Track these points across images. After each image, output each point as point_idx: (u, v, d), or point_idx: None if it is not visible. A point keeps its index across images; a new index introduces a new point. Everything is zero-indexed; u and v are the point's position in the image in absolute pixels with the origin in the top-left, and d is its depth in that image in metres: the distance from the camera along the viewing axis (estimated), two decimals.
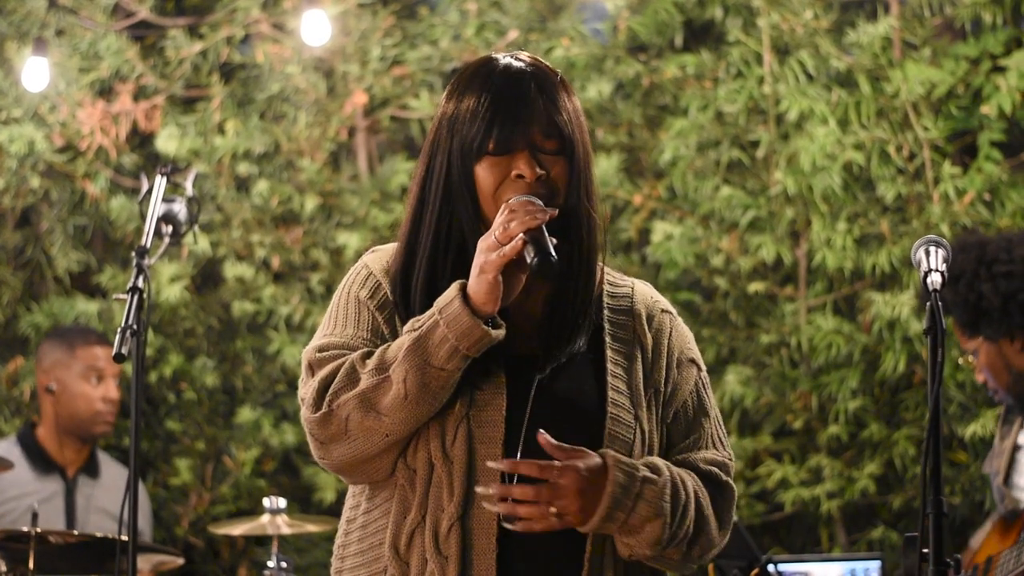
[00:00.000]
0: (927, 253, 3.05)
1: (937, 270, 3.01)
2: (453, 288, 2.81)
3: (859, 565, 5.28)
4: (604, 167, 6.27)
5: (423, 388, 2.80)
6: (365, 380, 2.83)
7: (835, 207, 6.07)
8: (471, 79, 2.94)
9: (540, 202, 2.83)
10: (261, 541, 6.43)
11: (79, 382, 5.84)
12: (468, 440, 2.84)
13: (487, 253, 2.78)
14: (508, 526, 2.79)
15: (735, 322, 6.21)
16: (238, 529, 5.16)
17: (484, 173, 2.88)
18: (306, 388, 2.89)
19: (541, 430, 2.78)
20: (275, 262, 6.53)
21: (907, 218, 6.07)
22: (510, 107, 2.89)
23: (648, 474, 2.82)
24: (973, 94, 6.08)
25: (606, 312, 2.97)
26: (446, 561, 2.81)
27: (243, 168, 6.55)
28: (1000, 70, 6.01)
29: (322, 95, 6.56)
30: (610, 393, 2.89)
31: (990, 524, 4.84)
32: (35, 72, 6.17)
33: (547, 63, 3.00)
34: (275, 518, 4.97)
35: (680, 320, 3.05)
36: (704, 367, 3.05)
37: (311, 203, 6.49)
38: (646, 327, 2.98)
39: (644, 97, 6.41)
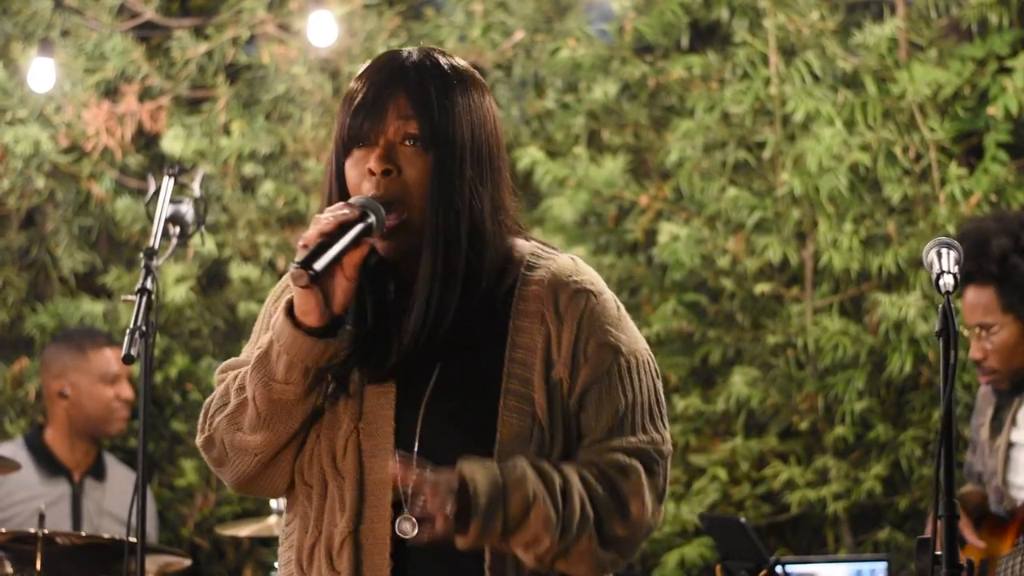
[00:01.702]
0: (939, 255, 3.04)
1: (949, 272, 3.00)
2: (284, 301, 2.75)
3: (865, 566, 5.28)
4: (610, 168, 6.26)
5: (272, 404, 2.75)
6: (232, 400, 2.80)
7: (841, 208, 6.07)
8: (362, 70, 2.86)
9: (367, 204, 2.70)
10: (266, 542, 6.43)
11: (94, 385, 5.86)
12: (357, 453, 2.77)
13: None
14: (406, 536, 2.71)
15: (741, 323, 6.21)
16: (245, 530, 5.16)
17: (350, 168, 2.79)
18: None
19: (392, 461, 2.68)
20: (281, 263, 6.52)
21: (913, 219, 6.07)
22: (375, 99, 2.77)
23: (504, 467, 2.69)
24: (979, 95, 6.07)
25: (516, 298, 2.81)
26: None
27: (249, 169, 6.55)
28: (1006, 71, 6.01)
29: (328, 96, 6.56)
30: (503, 397, 2.75)
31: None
32: (40, 73, 6.17)
33: (453, 61, 2.85)
34: (282, 519, 4.96)
35: (604, 298, 2.83)
36: (630, 350, 2.81)
37: (317, 204, 6.46)
38: (554, 307, 2.80)
39: (650, 98, 6.41)
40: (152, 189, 4.50)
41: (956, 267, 3.02)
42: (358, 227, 2.69)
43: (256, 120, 6.56)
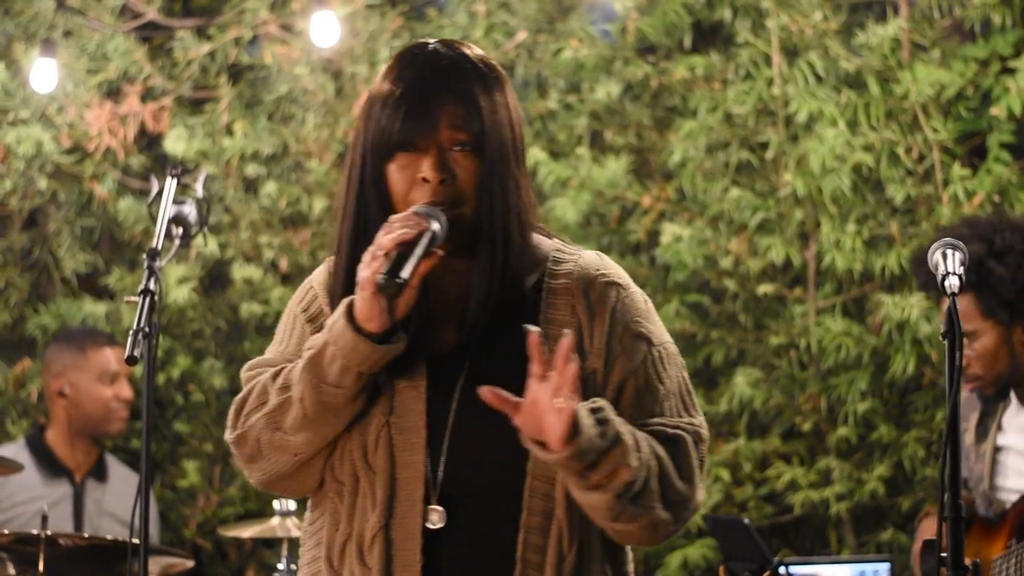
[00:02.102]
0: (944, 256, 3.03)
1: (955, 273, 2.99)
2: (342, 305, 2.74)
3: (868, 567, 5.28)
4: (613, 169, 6.26)
5: (321, 407, 2.75)
6: (271, 400, 2.80)
7: (844, 209, 6.06)
8: (394, 65, 2.83)
9: (431, 212, 2.71)
10: (269, 543, 6.42)
11: (93, 384, 5.86)
12: (389, 448, 2.78)
13: (362, 268, 2.70)
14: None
15: (744, 324, 6.21)
16: (247, 532, 5.16)
17: (395, 174, 2.77)
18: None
19: (482, 389, 2.66)
20: (283, 264, 6.52)
21: (916, 220, 6.06)
22: (423, 104, 2.76)
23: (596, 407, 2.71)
24: (982, 96, 6.07)
25: (545, 292, 2.82)
26: (369, 572, 2.76)
27: (251, 169, 6.55)
28: (1010, 71, 6.00)
29: (330, 96, 6.56)
30: None
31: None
32: (43, 73, 6.17)
33: (478, 53, 2.84)
34: (285, 520, 4.96)
35: (632, 291, 2.85)
36: (660, 341, 2.84)
37: (319, 204, 6.48)
38: (584, 301, 2.81)
39: (653, 98, 6.41)
40: (155, 190, 4.50)
41: (961, 268, 3.01)
42: (428, 237, 2.70)
43: (259, 121, 6.56)
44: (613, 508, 2.70)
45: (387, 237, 2.68)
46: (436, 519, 2.75)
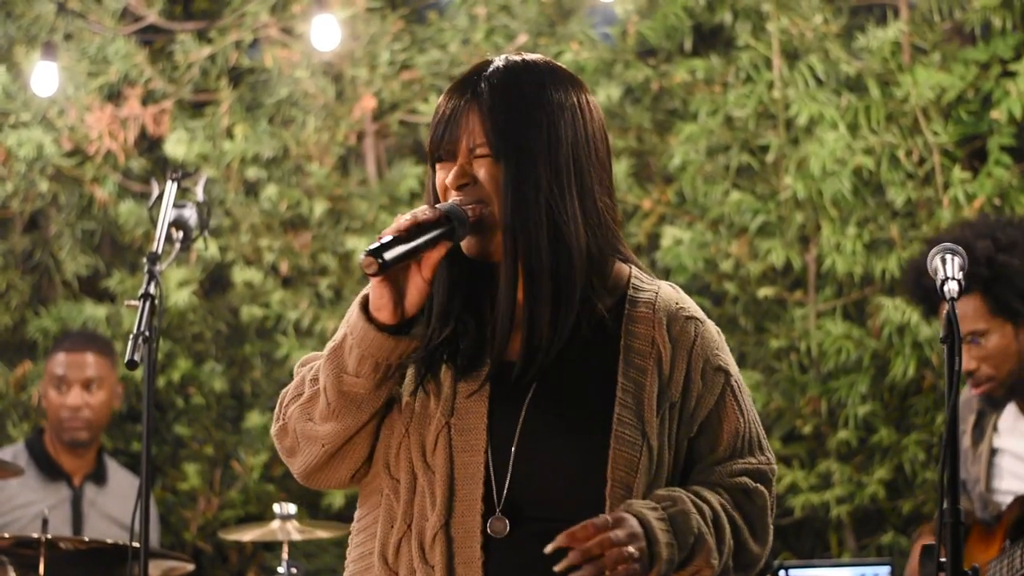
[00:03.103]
0: (943, 261, 3.03)
1: (954, 278, 2.99)
2: (360, 295, 2.81)
3: (868, 570, 5.28)
4: (613, 172, 6.25)
5: (342, 396, 2.79)
6: (306, 391, 2.85)
7: (845, 212, 6.07)
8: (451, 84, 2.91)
9: (451, 209, 2.75)
10: (269, 546, 6.43)
11: (49, 390, 5.91)
12: (448, 448, 2.80)
13: None
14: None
15: (744, 327, 6.21)
16: (248, 535, 5.16)
17: (438, 178, 2.84)
18: None
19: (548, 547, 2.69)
20: (284, 267, 6.53)
21: (917, 223, 6.07)
22: (453, 109, 2.82)
23: (669, 503, 2.75)
24: (983, 99, 6.07)
25: (625, 319, 2.85)
26: (432, 570, 2.77)
27: (252, 172, 6.55)
28: (1010, 75, 6.01)
29: (331, 99, 6.56)
30: (617, 408, 2.79)
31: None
32: (44, 76, 6.18)
33: (543, 66, 2.86)
34: (285, 524, 4.97)
35: (709, 325, 2.92)
36: (735, 371, 2.91)
37: (320, 207, 6.48)
38: (666, 335, 2.85)
39: (653, 102, 6.41)
40: (155, 193, 4.50)
41: (960, 273, 3.02)
42: (437, 230, 2.73)
43: (259, 124, 6.56)
44: None
45: (393, 224, 2.74)
46: (499, 528, 2.76)
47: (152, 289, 4.00)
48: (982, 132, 6.08)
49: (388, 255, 2.69)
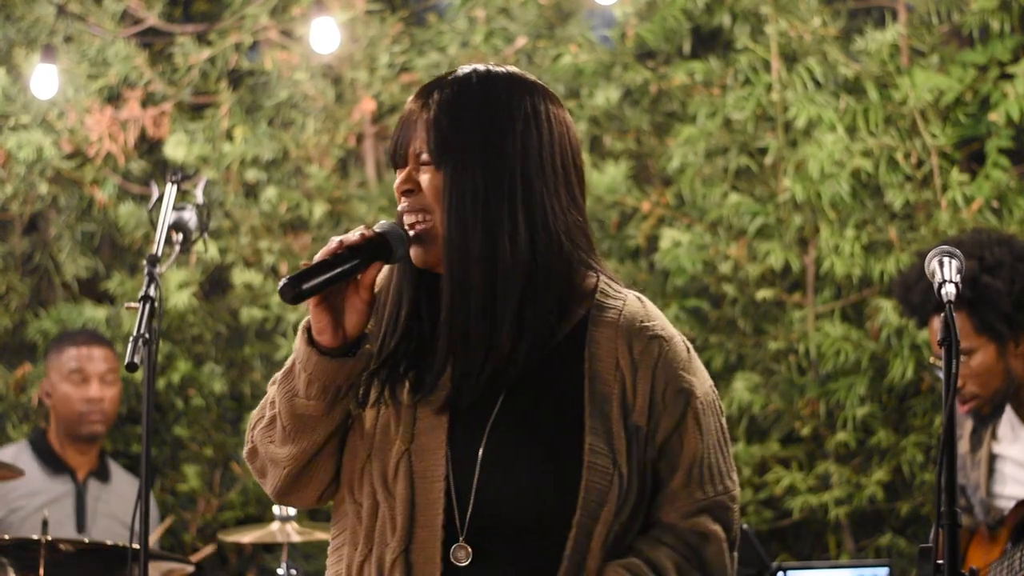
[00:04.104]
0: (941, 264, 3.03)
1: (952, 281, 3.00)
2: (304, 320, 2.79)
3: (867, 572, 5.28)
4: (612, 174, 6.27)
5: (295, 419, 2.78)
6: (267, 413, 2.85)
7: (843, 214, 6.07)
8: None
9: (387, 228, 2.73)
10: (269, 548, 6.43)
11: (63, 385, 5.91)
12: (409, 474, 2.76)
13: None
14: None
15: (743, 329, 6.21)
16: (248, 536, 5.16)
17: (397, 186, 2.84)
18: None
19: None
20: (283, 268, 6.53)
21: (915, 225, 6.07)
22: (401, 125, 2.82)
23: None
24: (981, 101, 6.08)
25: (588, 340, 2.79)
26: None
27: (251, 175, 6.56)
28: (1008, 77, 6.02)
29: (330, 102, 6.57)
30: (588, 437, 2.73)
31: (968, 535, 4.82)
32: (44, 79, 6.18)
33: (500, 74, 2.83)
34: (285, 525, 4.97)
35: (675, 343, 2.82)
36: (701, 393, 2.82)
37: (319, 210, 6.49)
38: (628, 356, 2.78)
39: (652, 104, 6.42)
40: (155, 196, 4.51)
41: (958, 276, 3.02)
42: (363, 255, 2.72)
43: (259, 126, 6.57)
44: None
45: (324, 248, 2.74)
46: (462, 556, 2.73)
47: (152, 291, 4.01)
48: (980, 134, 6.09)
49: (306, 285, 2.69)
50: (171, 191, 4.38)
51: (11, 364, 6.66)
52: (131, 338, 3.85)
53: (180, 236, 4.51)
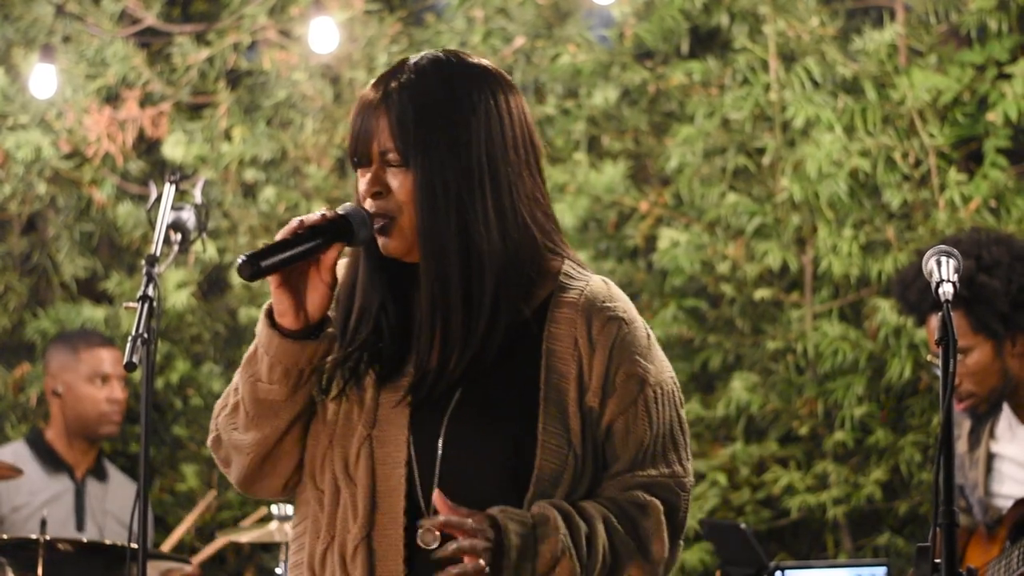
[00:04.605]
0: (938, 263, 3.04)
1: (949, 280, 3.00)
2: (266, 304, 2.79)
3: (865, 571, 5.28)
4: (610, 174, 6.27)
5: (258, 404, 2.77)
6: (230, 400, 2.84)
7: (841, 214, 6.08)
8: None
9: (352, 212, 2.72)
10: (267, 547, 6.43)
11: (84, 385, 5.88)
12: (370, 461, 2.77)
13: None
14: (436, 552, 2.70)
15: (741, 328, 6.22)
16: (246, 536, 5.17)
17: (359, 185, 2.81)
18: None
19: (437, 490, 2.69)
20: None
21: (913, 225, 6.08)
22: (362, 124, 2.79)
23: (537, 517, 2.71)
24: (979, 101, 6.08)
25: (548, 320, 2.79)
26: None
27: (250, 174, 6.56)
28: (1006, 77, 6.02)
29: (329, 102, 6.57)
30: (542, 418, 2.75)
31: (967, 534, 4.82)
32: (42, 79, 6.19)
33: (457, 63, 2.82)
34: (283, 525, 4.98)
35: (636, 327, 2.82)
36: (656, 381, 2.81)
37: (318, 209, 6.47)
38: (587, 336, 2.78)
39: (650, 104, 6.42)
40: (153, 195, 4.51)
41: (956, 275, 3.02)
42: (324, 235, 2.70)
43: (257, 126, 6.57)
44: None
45: (284, 228, 2.73)
46: (429, 539, 2.72)
47: (150, 291, 4.00)
48: (978, 134, 6.09)
49: (264, 262, 2.68)
50: (169, 191, 4.38)
51: (9, 364, 6.66)
52: (130, 338, 3.85)
53: (178, 236, 4.51)
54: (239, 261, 2.68)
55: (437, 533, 2.72)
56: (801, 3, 6.18)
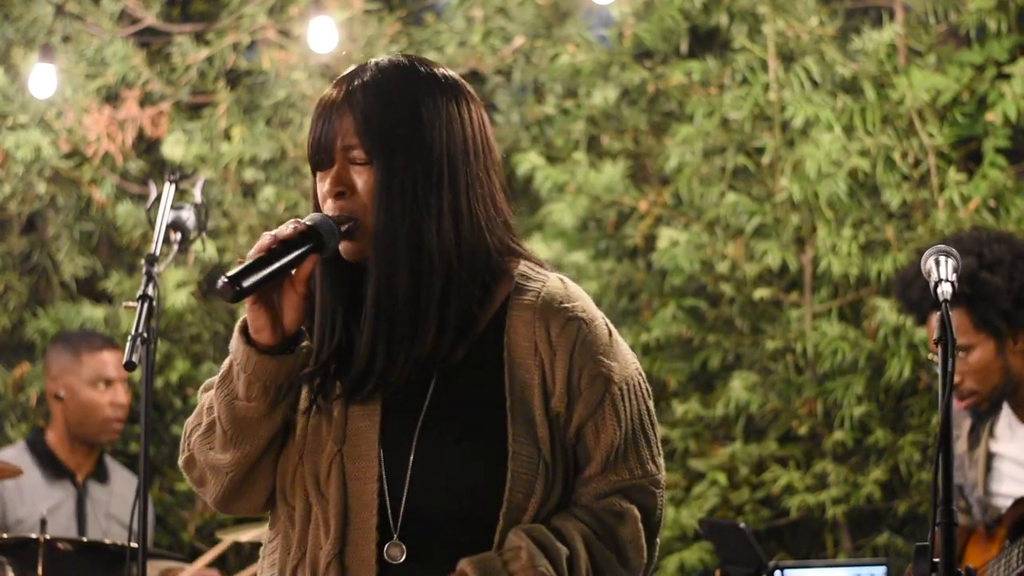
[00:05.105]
0: (937, 263, 3.04)
1: (948, 280, 3.00)
2: (240, 319, 2.75)
3: (864, 571, 5.28)
4: (609, 173, 6.27)
5: (236, 423, 2.74)
6: (204, 420, 2.80)
7: (840, 213, 6.08)
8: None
9: (318, 221, 2.68)
10: None
11: (87, 389, 5.84)
12: (341, 477, 2.74)
13: None
14: None
15: (740, 328, 6.22)
16: (246, 535, 5.17)
17: (319, 188, 2.78)
18: None
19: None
20: None
21: (912, 224, 6.08)
22: (324, 123, 2.76)
23: (507, 555, 2.68)
24: (978, 101, 6.08)
25: (507, 327, 2.77)
26: None
27: (249, 174, 6.56)
28: (1005, 77, 6.02)
29: None
30: (511, 428, 2.72)
31: (966, 534, 4.82)
32: (42, 78, 6.18)
33: (417, 68, 2.81)
34: None
35: (596, 325, 2.79)
36: (621, 378, 2.78)
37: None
38: (547, 339, 2.76)
39: (649, 103, 6.42)
40: (153, 195, 4.51)
41: (954, 275, 3.02)
42: (300, 248, 2.67)
43: (257, 125, 6.58)
44: None
45: (256, 244, 2.69)
46: (396, 554, 2.71)
47: (150, 290, 4.01)
48: (977, 134, 6.10)
49: (246, 282, 2.64)
50: (169, 190, 4.38)
51: (9, 363, 6.66)
52: (129, 337, 3.85)
53: (178, 235, 4.52)
54: (220, 284, 2.64)
55: (403, 547, 2.71)
56: (800, 3, 6.19)
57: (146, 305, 3.94)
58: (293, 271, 2.69)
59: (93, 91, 6.56)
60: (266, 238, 2.68)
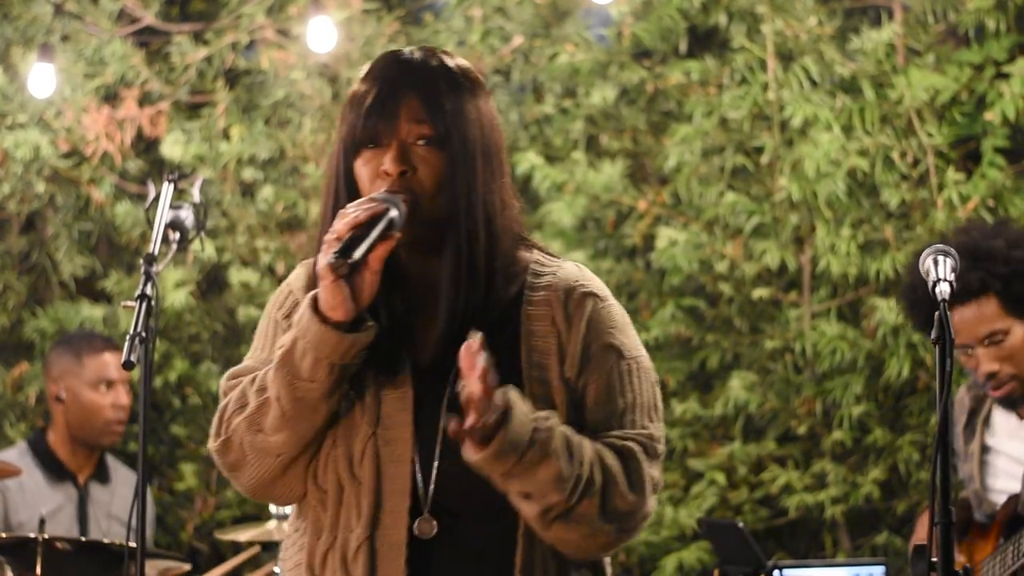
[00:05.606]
0: (935, 263, 3.04)
1: (946, 279, 3.01)
2: (308, 298, 2.76)
3: (863, 570, 5.28)
4: (608, 173, 6.28)
5: (297, 403, 2.76)
6: (251, 402, 2.81)
7: (839, 213, 6.08)
8: (369, 68, 2.88)
9: (388, 198, 2.73)
10: (266, 547, 6.43)
11: (88, 391, 5.83)
12: (375, 459, 2.77)
13: (320, 258, 2.73)
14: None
15: (739, 328, 6.22)
16: (244, 535, 5.17)
17: (361, 167, 2.81)
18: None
19: (451, 421, 2.66)
20: (280, 267, 6.53)
21: (911, 224, 6.08)
22: (387, 100, 2.80)
23: (539, 417, 2.71)
24: (977, 100, 6.08)
25: (524, 303, 2.84)
26: None
27: (248, 174, 6.56)
28: (1004, 76, 6.02)
29: (327, 101, 6.57)
30: (527, 392, 2.77)
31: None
32: (41, 78, 6.19)
33: (455, 60, 2.88)
34: (282, 524, 4.98)
35: (610, 304, 2.86)
36: (632, 355, 2.85)
37: (316, 208, 6.48)
38: (563, 312, 2.83)
39: (648, 103, 6.42)
40: (152, 195, 4.50)
41: (952, 275, 3.03)
42: (385, 220, 2.71)
43: (255, 125, 6.58)
44: (547, 519, 2.72)
45: (341, 222, 2.70)
46: (426, 529, 2.75)
47: (149, 290, 4.00)
48: (976, 134, 6.10)
49: (357, 254, 2.68)
50: (168, 190, 4.37)
51: (8, 363, 6.66)
52: (128, 337, 3.85)
53: (177, 235, 4.51)
54: (333, 260, 2.67)
55: (434, 523, 2.74)
56: (799, 2, 6.19)
57: (145, 304, 3.93)
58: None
59: (92, 90, 6.56)
60: (359, 213, 2.70)
